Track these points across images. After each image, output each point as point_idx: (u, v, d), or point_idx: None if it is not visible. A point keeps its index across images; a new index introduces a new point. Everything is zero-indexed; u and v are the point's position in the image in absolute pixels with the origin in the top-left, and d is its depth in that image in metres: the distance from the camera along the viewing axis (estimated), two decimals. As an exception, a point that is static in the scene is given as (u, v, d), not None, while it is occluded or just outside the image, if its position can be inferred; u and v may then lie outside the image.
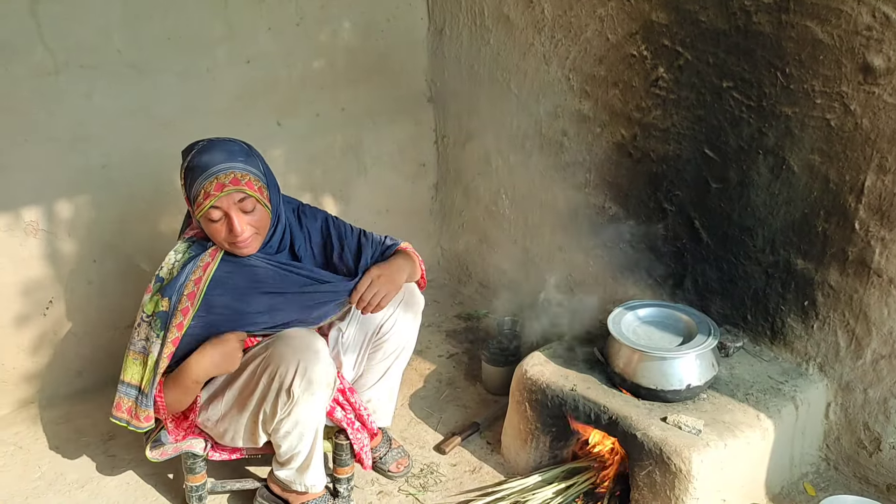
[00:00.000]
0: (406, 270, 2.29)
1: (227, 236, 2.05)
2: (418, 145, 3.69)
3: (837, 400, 2.41)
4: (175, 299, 2.05)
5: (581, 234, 3.09)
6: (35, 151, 2.68)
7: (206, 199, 1.99)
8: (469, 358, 3.23)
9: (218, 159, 2.02)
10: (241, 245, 2.07)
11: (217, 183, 1.99)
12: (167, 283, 2.08)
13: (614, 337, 2.33)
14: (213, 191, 1.99)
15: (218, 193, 1.99)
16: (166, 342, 2.05)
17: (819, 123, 2.20)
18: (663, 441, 2.12)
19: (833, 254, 2.29)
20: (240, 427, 2.19)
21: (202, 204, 2.00)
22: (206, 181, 1.99)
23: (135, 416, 2.11)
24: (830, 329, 2.36)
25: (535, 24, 2.98)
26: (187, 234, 2.19)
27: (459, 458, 2.66)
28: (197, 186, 2.00)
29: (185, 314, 2.04)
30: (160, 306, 2.05)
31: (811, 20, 2.13)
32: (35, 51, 2.58)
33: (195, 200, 2.02)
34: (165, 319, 2.04)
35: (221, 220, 2.04)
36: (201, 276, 2.07)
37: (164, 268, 2.11)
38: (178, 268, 2.09)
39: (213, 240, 2.10)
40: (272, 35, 3.07)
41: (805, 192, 2.30)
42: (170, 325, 2.04)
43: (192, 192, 2.03)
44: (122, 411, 2.12)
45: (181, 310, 2.04)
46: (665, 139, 2.62)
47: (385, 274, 2.21)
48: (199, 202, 2.00)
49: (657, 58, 2.56)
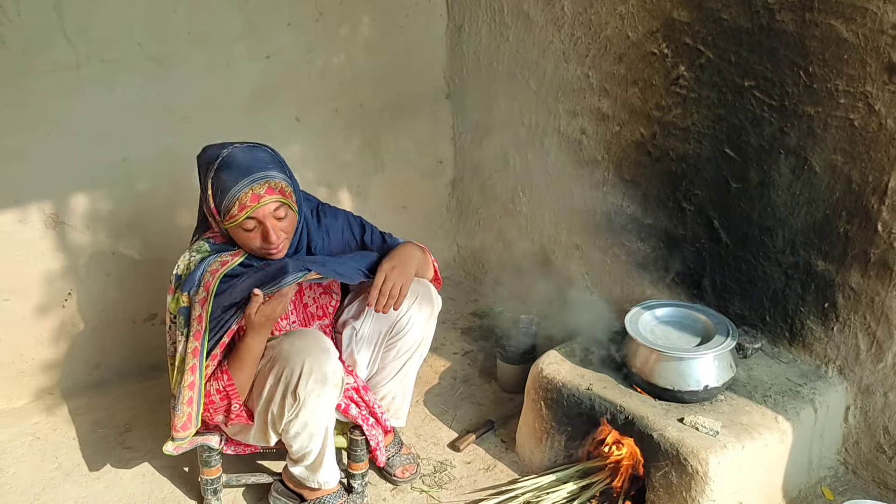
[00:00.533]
0: (416, 259, 2.27)
1: (262, 244, 2.05)
2: (436, 142, 3.69)
3: (857, 403, 2.38)
4: (193, 292, 2.05)
5: (598, 233, 3.07)
6: (56, 145, 2.71)
7: (241, 210, 1.98)
8: (484, 355, 3.22)
9: (248, 168, 2.01)
10: (275, 252, 2.08)
11: (252, 194, 1.98)
12: (185, 278, 2.08)
13: (631, 336, 2.31)
14: (249, 202, 1.98)
15: (254, 205, 1.98)
16: (189, 337, 2.04)
17: (842, 123, 2.18)
18: (680, 442, 2.11)
19: (855, 255, 2.26)
20: (250, 429, 2.20)
21: (236, 216, 1.99)
22: (242, 192, 1.98)
23: (173, 427, 2.09)
24: (851, 331, 2.34)
25: (555, 22, 2.97)
26: (206, 236, 2.16)
27: (474, 455, 2.66)
28: (230, 198, 1.98)
29: (202, 305, 2.04)
30: (181, 302, 2.05)
31: (836, 18, 2.11)
32: (57, 45, 2.60)
33: (227, 212, 2.00)
34: (187, 315, 2.04)
35: (255, 230, 2.04)
36: (218, 268, 2.07)
37: (180, 265, 2.11)
38: (195, 263, 2.09)
39: (244, 247, 2.10)
40: (292, 30, 3.08)
41: (827, 193, 2.27)
42: (191, 319, 2.04)
43: (222, 203, 2.00)
44: (175, 430, 2.09)
45: (198, 301, 2.04)
46: (685, 138, 2.60)
47: (397, 265, 2.18)
48: (233, 214, 1.99)
49: (678, 56, 2.54)
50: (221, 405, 2.10)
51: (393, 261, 2.19)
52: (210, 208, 2.07)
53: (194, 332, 2.04)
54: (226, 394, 2.08)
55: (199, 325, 2.04)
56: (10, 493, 2.50)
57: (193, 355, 2.04)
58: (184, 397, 2.06)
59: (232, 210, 1.99)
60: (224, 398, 2.08)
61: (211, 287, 2.04)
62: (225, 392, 2.07)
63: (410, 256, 2.25)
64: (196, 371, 2.05)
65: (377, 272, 2.16)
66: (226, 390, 2.07)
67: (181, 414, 2.07)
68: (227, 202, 1.99)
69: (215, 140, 2.96)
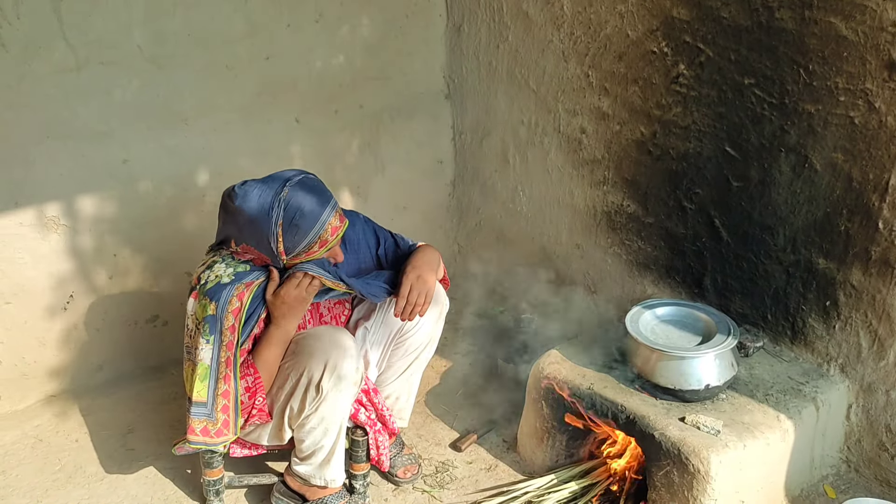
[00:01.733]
0: (435, 263, 2.31)
1: None
2: (436, 142, 3.68)
3: (859, 401, 2.38)
4: (223, 302, 2.04)
5: (599, 232, 3.07)
6: (57, 147, 2.71)
7: (322, 245, 2.07)
8: (485, 356, 3.21)
9: (322, 204, 2.07)
10: None
11: (332, 228, 2.07)
12: (212, 286, 2.06)
13: (632, 336, 2.31)
14: (330, 237, 2.07)
15: (334, 238, 2.08)
16: (222, 347, 2.05)
17: (842, 121, 2.17)
18: (681, 441, 2.11)
19: (856, 253, 2.26)
20: (266, 426, 2.20)
21: (316, 251, 2.07)
22: (322, 230, 2.05)
23: (205, 433, 2.09)
24: (852, 329, 2.33)
25: (555, 21, 2.97)
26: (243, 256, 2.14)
27: (475, 455, 2.66)
28: (311, 239, 2.05)
29: (235, 315, 2.05)
30: (208, 310, 2.05)
31: (835, 16, 2.10)
32: (57, 47, 2.61)
33: (308, 248, 2.06)
34: (214, 323, 2.04)
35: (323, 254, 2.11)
36: (253, 281, 2.10)
37: (211, 274, 2.10)
38: (229, 276, 2.08)
39: None
40: (291, 32, 3.08)
41: (827, 191, 2.27)
42: (222, 328, 2.04)
43: (300, 245, 2.05)
44: (195, 434, 2.08)
45: (231, 311, 2.05)
46: (685, 137, 2.60)
47: (421, 274, 2.22)
48: (314, 250, 2.07)
49: (678, 54, 2.54)
50: (248, 404, 2.10)
51: (417, 269, 2.23)
52: (275, 250, 2.06)
53: (227, 342, 2.05)
54: (254, 390, 2.08)
55: (233, 335, 2.05)
56: (12, 495, 2.51)
57: (227, 365, 2.05)
58: (218, 405, 2.07)
59: (313, 248, 2.07)
60: (252, 395, 2.08)
61: (245, 298, 2.07)
62: (253, 388, 2.08)
63: (430, 261, 2.29)
64: (230, 381, 2.06)
65: (402, 282, 2.20)
66: (254, 386, 2.08)
67: (214, 420, 2.07)
68: (308, 242, 2.05)
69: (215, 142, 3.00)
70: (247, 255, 2.14)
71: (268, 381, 2.10)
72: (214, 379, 2.06)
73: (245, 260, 2.14)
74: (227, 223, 2.12)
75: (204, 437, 2.08)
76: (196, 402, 2.07)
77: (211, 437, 2.08)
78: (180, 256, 3.07)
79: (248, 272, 2.10)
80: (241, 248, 2.12)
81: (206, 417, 2.07)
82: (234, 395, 2.07)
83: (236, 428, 2.10)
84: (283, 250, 2.06)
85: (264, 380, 2.09)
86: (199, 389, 2.06)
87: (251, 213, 2.03)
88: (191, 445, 2.11)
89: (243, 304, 2.07)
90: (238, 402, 2.08)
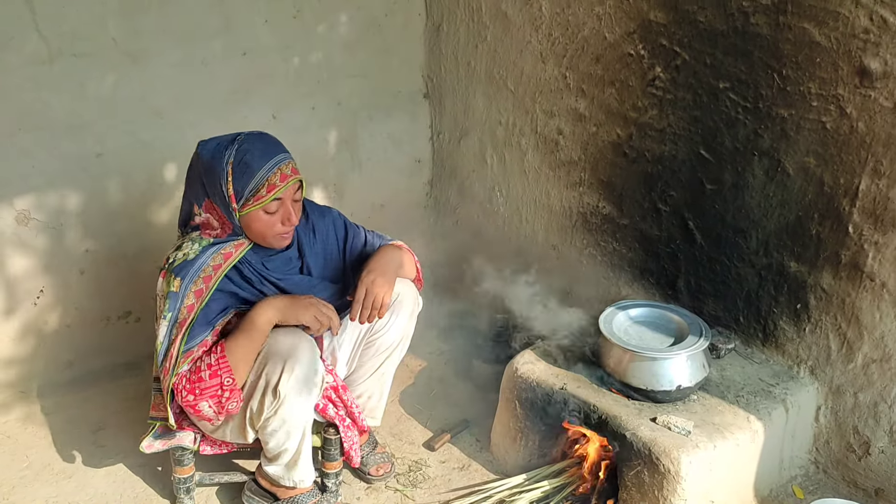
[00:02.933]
0: (394, 263, 2.27)
1: (281, 228, 2.07)
2: (414, 141, 3.68)
3: (828, 403, 2.41)
4: (187, 281, 2.02)
5: (575, 234, 3.09)
6: (29, 140, 2.67)
7: (270, 191, 2.00)
8: (460, 355, 3.22)
9: (272, 150, 2.04)
10: (288, 236, 2.11)
11: (281, 174, 2.01)
12: (179, 263, 2.04)
13: (605, 336, 2.32)
14: (278, 182, 2.00)
15: (283, 185, 2.01)
16: (175, 325, 2.02)
17: (815, 126, 2.20)
18: (652, 441, 2.12)
19: (826, 257, 2.28)
20: (228, 424, 2.18)
21: (264, 197, 2.01)
22: (271, 173, 2.00)
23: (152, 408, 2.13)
24: (822, 332, 2.36)
25: (533, 22, 2.97)
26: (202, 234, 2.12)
27: (448, 455, 2.65)
28: (258, 180, 2.00)
29: (198, 296, 2.03)
30: (171, 286, 2.03)
31: (808, 22, 2.13)
32: (29, 39, 2.57)
33: (255, 194, 2.01)
34: (174, 301, 2.02)
35: (277, 213, 2.05)
36: (222, 263, 2.07)
37: (178, 253, 2.08)
38: (195, 252, 2.06)
39: (258, 235, 2.09)
40: (269, 27, 3.06)
41: (799, 195, 2.30)
42: (180, 306, 2.02)
43: (247, 186, 2.01)
44: (156, 410, 2.15)
45: (194, 291, 2.03)
46: (661, 139, 2.62)
47: (377, 276, 2.17)
48: (261, 195, 2.00)
49: (654, 57, 2.56)
50: (210, 385, 2.01)
51: (373, 272, 2.18)
52: (226, 195, 2.02)
53: (181, 320, 2.03)
54: (217, 368, 2.01)
55: (189, 314, 2.03)
56: (-22, 492, 2.48)
57: (172, 344, 2.02)
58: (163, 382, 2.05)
59: (260, 192, 2.00)
60: (214, 375, 2.01)
61: (212, 282, 2.04)
62: (217, 366, 2.01)
63: (389, 262, 2.25)
64: (171, 359, 2.02)
65: (357, 286, 2.16)
66: (218, 364, 2.01)
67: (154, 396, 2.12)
68: (255, 184, 2.00)
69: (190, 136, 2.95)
70: (209, 228, 2.11)
71: (235, 366, 2.04)
72: (162, 356, 2.04)
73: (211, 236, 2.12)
74: (191, 181, 2.12)
75: (154, 413, 2.16)
76: (155, 377, 2.11)
77: (159, 410, 2.13)
78: (154, 252, 3.03)
79: (212, 244, 2.08)
80: (205, 206, 2.09)
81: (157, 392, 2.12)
82: (170, 374, 2.02)
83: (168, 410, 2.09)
84: (233, 193, 2.02)
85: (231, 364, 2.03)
86: (155, 365, 2.08)
87: (207, 158, 2.05)
88: (149, 420, 2.14)
89: (208, 287, 2.04)
90: (170, 382, 2.02)
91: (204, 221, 2.12)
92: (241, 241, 2.10)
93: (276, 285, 2.16)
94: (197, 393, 2.02)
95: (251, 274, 2.12)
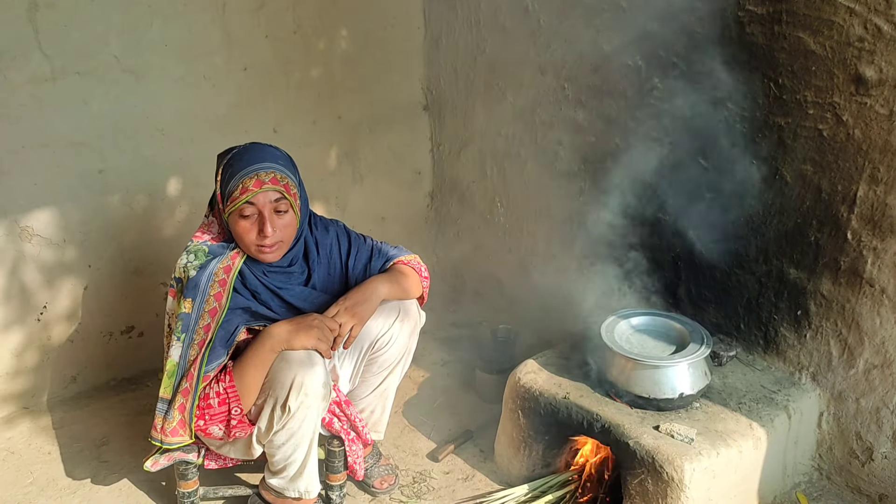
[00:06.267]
0: (375, 299, 2.23)
1: (256, 238, 2.05)
2: (414, 153, 3.70)
3: (830, 409, 2.41)
4: (199, 300, 2.04)
5: (575, 243, 3.09)
6: (32, 157, 2.69)
7: (242, 193, 2.00)
8: (463, 366, 3.23)
9: (260, 158, 2.04)
10: (267, 250, 2.08)
11: (257, 180, 2.00)
12: (186, 283, 2.06)
13: (607, 345, 2.33)
14: (251, 186, 2.00)
15: (256, 189, 2.00)
16: (192, 345, 2.04)
17: (811, 134, 2.21)
18: (655, 449, 2.12)
19: (825, 263, 2.29)
20: (236, 443, 2.19)
21: (237, 199, 2.00)
22: (246, 177, 2.00)
23: (162, 431, 2.07)
24: (823, 338, 2.37)
25: (531, 34, 2.99)
26: (198, 237, 2.16)
27: (452, 465, 2.66)
28: (235, 181, 2.01)
29: (213, 315, 2.04)
30: (183, 307, 2.04)
31: (804, 31, 2.15)
32: (32, 57, 2.59)
33: (230, 195, 2.02)
34: (187, 322, 2.04)
35: (253, 219, 2.04)
36: (225, 277, 2.07)
37: (178, 268, 2.10)
38: (194, 268, 2.07)
39: (240, 241, 2.09)
40: (270, 42, 3.08)
41: (798, 202, 2.31)
42: (195, 326, 2.03)
43: (227, 188, 2.03)
44: (156, 430, 2.08)
45: (208, 311, 2.04)
46: (659, 148, 2.63)
47: (350, 306, 2.17)
48: (235, 197, 2.00)
49: (652, 68, 2.57)
50: (219, 412, 2.05)
51: (348, 300, 2.18)
52: (217, 195, 2.09)
53: (199, 340, 2.04)
54: (226, 396, 2.04)
55: (206, 334, 2.04)
56: (-17, 508, 2.48)
57: (193, 364, 2.03)
58: (176, 402, 2.05)
59: (234, 193, 2.01)
60: (223, 402, 2.04)
61: (224, 300, 2.05)
62: (225, 395, 2.04)
63: (369, 298, 2.21)
64: (192, 379, 2.04)
65: (331, 308, 2.17)
66: (226, 392, 2.04)
67: (171, 419, 2.06)
68: (232, 185, 2.01)
69: (192, 152, 3.00)
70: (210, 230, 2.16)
71: (244, 394, 2.07)
72: (180, 377, 2.05)
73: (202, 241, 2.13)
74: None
75: (160, 435, 2.08)
76: (161, 398, 2.08)
77: (166, 434, 2.07)
78: (156, 267, 3.05)
79: (209, 258, 2.09)
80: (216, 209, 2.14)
81: (164, 414, 2.07)
82: (192, 395, 2.04)
83: (191, 431, 2.07)
84: (220, 193, 2.07)
85: (240, 391, 2.06)
86: (165, 386, 2.07)
87: (218, 156, 2.11)
88: (151, 441, 2.10)
89: (221, 305, 2.05)
90: (194, 403, 2.04)
91: (210, 222, 2.18)
92: (237, 250, 2.12)
93: (278, 295, 2.17)
94: (207, 418, 2.06)
95: (256, 285, 2.13)
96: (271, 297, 2.16)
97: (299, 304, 2.20)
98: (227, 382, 2.05)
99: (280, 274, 2.19)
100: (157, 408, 2.09)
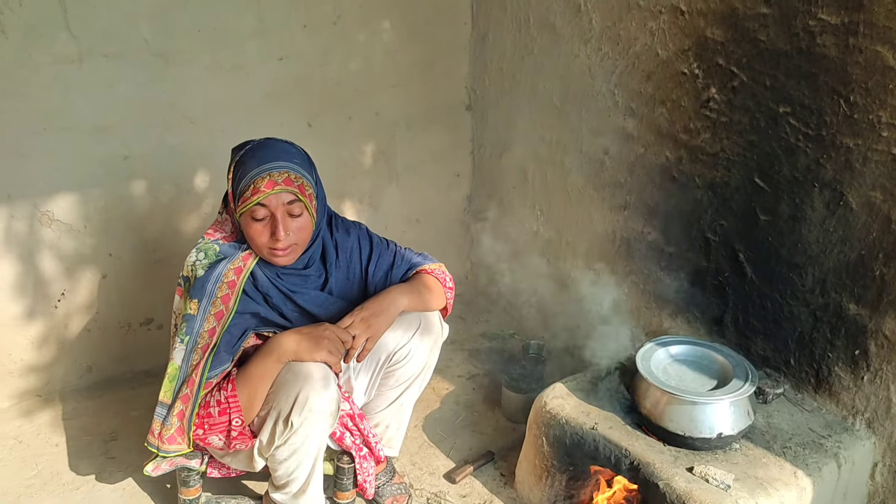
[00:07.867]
0: (393, 311, 2.11)
1: (268, 240, 1.94)
2: (453, 154, 3.56)
3: (885, 460, 2.21)
4: (205, 303, 1.93)
5: (617, 259, 2.93)
6: (54, 140, 2.62)
7: (254, 194, 1.88)
8: (490, 381, 3.08)
9: (273, 156, 1.92)
10: (280, 253, 1.96)
11: (269, 180, 1.88)
12: (192, 283, 1.96)
13: (642, 375, 2.16)
14: (263, 187, 1.88)
15: (268, 191, 1.88)
16: (196, 349, 1.93)
17: (884, 158, 2.01)
18: (688, 494, 1.95)
19: (890, 301, 2.09)
20: (238, 454, 2.08)
21: (248, 199, 1.89)
22: (258, 176, 1.88)
23: (159, 437, 1.96)
24: (882, 382, 2.16)
25: (582, 35, 2.83)
26: (210, 235, 2.05)
27: (470, 489, 2.51)
28: (246, 181, 1.89)
29: (218, 319, 1.94)
30: (189, 309, 1.94)
31: (882, 45, 1.94)
32: (59, 37, 2.52)
33: (241, 195, 1.90)
34: (192, 324, 1.93)
35: (265, 221, 1.93)
36: (234, 279, 1.96)
37: (186, 266, 2.01)
38: (202, 267, 1.97)
39: (251, 243, 1.98)
40: (307, 33, 2.97)
41: (863, 232, 2.11)
42: (199, 330, 1.93)
43: (238, 187, 1.91)
44: (153, 436, 1.98)
45: (214, 314, 1.94)
46: (713, 164, 2.45)
47: (366, 317, 2.05)
48: (246, 197, 1.89)
49: (709, 77, 2.39)
50: (219, 422, 1.94)
51: (364, 311, 2.07)
52: (229, 193, 1.98)
53: (202, 344, 1.93)
54: (226, 406, 1.93)
55: (211, 338, 1.93)
56: (-18, 499, 2.41)
57: (194, 369, 1.92)
58: (175, 408, 1.94)
59: (246, 193, 1.89)
60: (223, 412, 1.93)
61: (231, 303, 1.94)
62: (226, 404, 1.93)
63: (387, 309, 2.10)
64: (193, 385, 1.93)
65: (344, 319, 2.05)
66: (227, 402, 1.93)
67: (169, 425, 1.95)
68: (244, 185, 1.90)
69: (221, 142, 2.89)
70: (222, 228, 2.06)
71: (246, 406, 1.95)
72: (181, 381, 1.94)
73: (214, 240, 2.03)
74: None
75: (157, 441, 1.96)
76: (161, 402, 1.97)
77: (163, 441, 1.95)
78: (178, 259, 2.91)
79: (219, 259, 1.98)
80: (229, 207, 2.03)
81: (162, 420, 1.96)
82: (193, 402, 1.93)
83: (189, 439, 1.96)
84: (231, 192, 1.95)
85: (241, 402, 1.94)
86: (165, 390, 1.96)
87: (232, 151, 2.00)
88: (148, 447, 1.99)
89: (228, 309, 1.94)
90: (194, 411, 1.93)
91: (223, 220, 2.07)
92: (249, 251, 2.00)
93: (291, 299, 2.05)
94: (206, 428, 1.95)
95: (268, 288, 2.01)
96: (284, 301, 2.04)
97: (313, 310, 2.07)
98: (228, 391, 1.93)
99: (295, 276, 2.07)
100: (155, 411, 1.98)
